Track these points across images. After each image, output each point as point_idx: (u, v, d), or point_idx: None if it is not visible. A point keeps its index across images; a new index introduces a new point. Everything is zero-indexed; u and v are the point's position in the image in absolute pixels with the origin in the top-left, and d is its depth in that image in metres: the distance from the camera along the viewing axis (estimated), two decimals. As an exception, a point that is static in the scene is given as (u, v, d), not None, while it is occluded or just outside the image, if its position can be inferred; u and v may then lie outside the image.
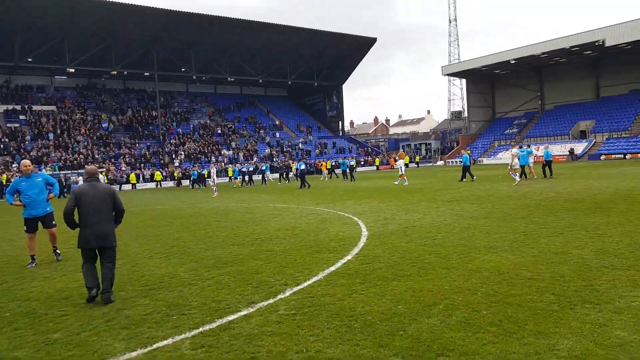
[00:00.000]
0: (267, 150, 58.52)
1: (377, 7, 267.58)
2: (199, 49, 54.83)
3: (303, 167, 26.69)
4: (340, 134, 70.53)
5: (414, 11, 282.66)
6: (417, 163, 57.27)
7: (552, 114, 56.24)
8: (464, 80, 63.04)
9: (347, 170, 31.75)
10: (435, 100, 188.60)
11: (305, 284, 5.66)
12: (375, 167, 56.00)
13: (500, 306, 4.46)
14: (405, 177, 23.74)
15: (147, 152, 50.90)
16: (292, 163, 39.21)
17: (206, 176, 30.57)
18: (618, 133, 46.26)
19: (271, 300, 5.11)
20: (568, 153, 45.22)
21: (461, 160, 23.65)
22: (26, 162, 7.93)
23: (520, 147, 21.36)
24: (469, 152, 24.52)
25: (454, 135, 66.01)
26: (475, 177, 22.85)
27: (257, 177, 38.82)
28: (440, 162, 59.80)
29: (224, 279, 6.17)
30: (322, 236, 9.03)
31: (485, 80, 62.02)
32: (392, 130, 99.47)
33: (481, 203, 12.70)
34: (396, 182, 23.73)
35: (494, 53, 53.39)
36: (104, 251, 5.53)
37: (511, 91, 61.42)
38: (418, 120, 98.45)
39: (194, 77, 57.69)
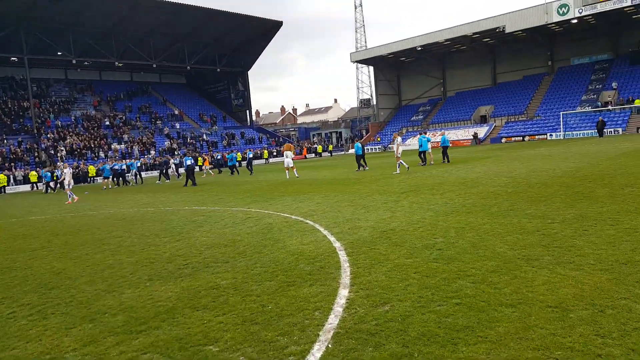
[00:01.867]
0: (167, 143, 53.15)
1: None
2: (78, 29, 47.36)
3: (190, 162, 24.02)
4: (249, 124, 66.98)
5: (302, 2, 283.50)
6: (331, 152, 56.25)
7: (454, 100, 58.69)
8: (371, 68, 63.31)
9: (236, 165, 31.78)
10: (342, 89, 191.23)
11: (309, 367, 3.19)
12: (287, 158, 53.71)
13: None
14: (295, 170, 22.18)
15: (18, 150, 42.90)
16: (171, 159, 35.41)
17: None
18: (515, 117, 49.23)
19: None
20: (472, 137, 47.23)
21: (354, 149, 23.46)
22: None
23: (421, 134, 22.13)
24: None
25: (364, 123, 66.28)
26: (367, 167, 22.69)
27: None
28: (352, 150, 59.47)
29: (151, 365, 3.44)
30: (281, 253, 6.53)
31: (392, 68, 62.93)
32: (300, 120, 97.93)
33: (442, 193, 11.10)
34: (290, 176, 22.00)
35: (400, 40, 54.04)
36: None
37: (416, 79, 63.10)
38: (326, 109, 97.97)
39: (74, 62, 49.95)
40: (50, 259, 7.72)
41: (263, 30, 58.40)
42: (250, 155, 32.01)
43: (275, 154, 55.72)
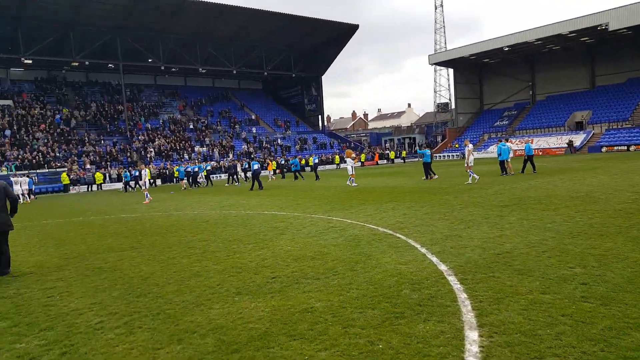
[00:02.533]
0: (244, 147, 54.79)
1: (341, 4, 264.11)
2: (166, 37, 50.44)
3: (257, 166, 24.06)
4: (320, 129, 67.26)
5: (374, 7, 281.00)
6: (404, 159, 54.66)
7: (545, 104, 54.19)
8: (451, 71, 60.76)
9: (299, 170, 31.95)
10: (415, 94, 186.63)
11: None
12: (360, 164, 52.94)
13: None
14: (353, 178, 21.49)
15: (113, 150, 46.39)
16: (238, 162, 36.05)
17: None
18: (618, 123, 44.16)
19: None
20: (566, 145, 43.16)
21: (422, 156, 22.39)
22: None
23: (500, 142, 20.89)
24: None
25: (441, 129, 63.72)
26: (437, 176, 21.68)
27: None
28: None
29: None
30: (377, 273, 5.80)
31: (474, 70, 59.77)
32: (371, 125, 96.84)
33: (555, 209, 9.71)
34: (348, 183, 21.46)
35: (484, 40, 51.12)
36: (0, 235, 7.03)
37: (500, 81, 59.29)
38: (399, 114, 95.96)
39: (163, 68, 53.21)
40: (139, 260, 7.65)
41: (338, 35, 58.26)
42: (316, 161, 31.76)
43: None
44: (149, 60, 51.56)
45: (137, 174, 33.44)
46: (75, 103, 52.44)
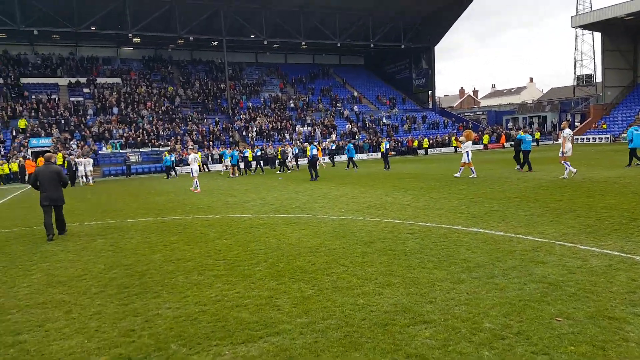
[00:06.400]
0: (348, 126, 50.17)
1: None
2: (270, 10, 47.14)
3: (315, 152, 20.27)
4: (430, 107, 60.25)
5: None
6: (537, 141, 46.05)
7: None
8: (597, 37, 50.18)
9: (353, 158, 27.74)
10: (533, 68, 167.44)
11: None
12: (482, 146, 45.49)
13: None
14: (472, 167, 16.68)
15: (215, 129, 44.55)
16: (287, 147, 31.58)
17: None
18: None
19: None
20: None
21: (516, 142, 18.46)
22: None
23: (631, 126, 18.03)
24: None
25: (581, 105, 53.39)
26: (521, 170, 17.64)
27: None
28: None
29: None
30: None
31: (628, 34, 48.55)
32: (483, 103, 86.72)
33: None
34: (457, 174, 16.90)
35: (652, -6, 40.48)
36: (56, 207, 9.24)
37: (663, 47, 47.72)
38: (517, 90, 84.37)
39: (265, 43, 50.12)
40: (280, 326, 3.03)
41: (457, -3, 50.41)
42: (387, 147, 26.91)
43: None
44: (252, 36, 48.88)
45: (172, 157, 31.74)
46: (180, 81, 51.81)
